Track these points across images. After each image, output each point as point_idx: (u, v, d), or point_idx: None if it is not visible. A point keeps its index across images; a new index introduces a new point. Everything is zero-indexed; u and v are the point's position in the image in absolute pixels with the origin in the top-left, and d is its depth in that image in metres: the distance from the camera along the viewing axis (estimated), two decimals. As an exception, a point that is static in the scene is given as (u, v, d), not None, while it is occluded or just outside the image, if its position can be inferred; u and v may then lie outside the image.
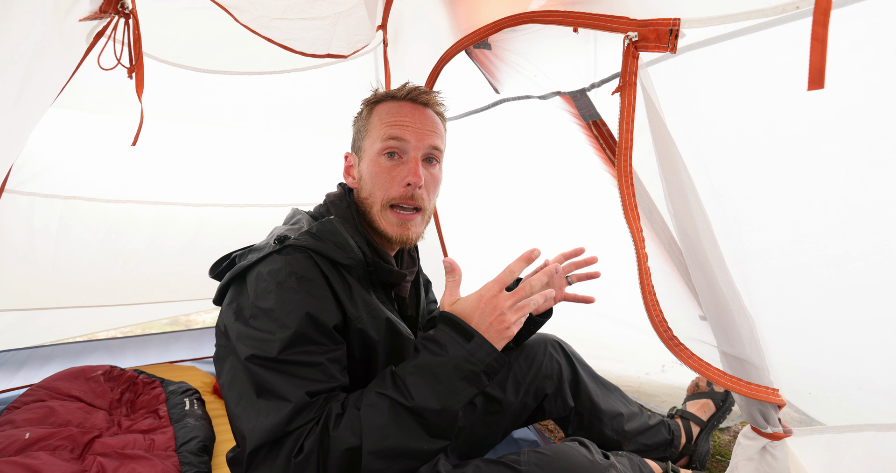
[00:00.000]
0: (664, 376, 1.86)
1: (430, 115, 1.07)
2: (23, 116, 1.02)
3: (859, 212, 0.88)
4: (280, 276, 0.90)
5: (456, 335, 0.85)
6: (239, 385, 0.86)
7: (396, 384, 0.85)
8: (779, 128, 0.91)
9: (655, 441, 1.39)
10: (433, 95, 1.08)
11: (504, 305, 0.85)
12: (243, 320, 0.88)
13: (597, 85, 1.38)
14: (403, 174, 1.00)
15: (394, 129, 1.01)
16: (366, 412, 0.82)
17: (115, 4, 1.03)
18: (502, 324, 0.84)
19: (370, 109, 1.08)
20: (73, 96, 1.79)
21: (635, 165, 1.01)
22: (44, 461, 1.31)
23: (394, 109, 1.04)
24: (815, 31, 0.71)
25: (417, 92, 1.06)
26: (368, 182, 1.03)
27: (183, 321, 3.18)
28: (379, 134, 1.02)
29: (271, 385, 0.83)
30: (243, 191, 2.41)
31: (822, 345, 1.03)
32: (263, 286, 0.89)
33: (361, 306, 0.96)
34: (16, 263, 2.01)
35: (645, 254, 1.03)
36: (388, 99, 1.07)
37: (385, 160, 1.02)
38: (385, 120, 1.03)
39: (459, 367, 0.83)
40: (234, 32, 1.55)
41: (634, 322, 1.82)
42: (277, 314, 0.86)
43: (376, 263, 1.01)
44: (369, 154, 1.04)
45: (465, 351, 0.83)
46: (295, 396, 0.83)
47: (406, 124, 1.02)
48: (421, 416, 0.82)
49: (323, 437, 0.81)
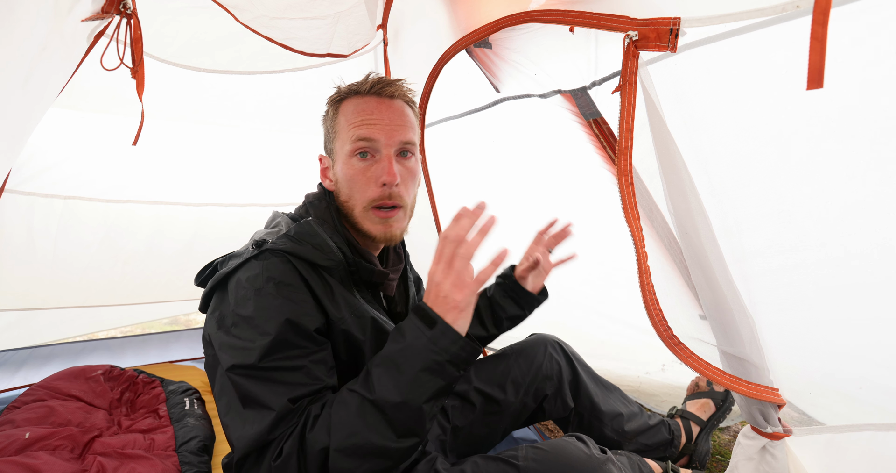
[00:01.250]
0: (664, 375, 1.86)
1: (398, 107, 1.02)
2: (24, 115, 1.02)
3: (859, 211, 0.88)
4: (258, 282, 0.89)
5: (419, 321, 0.81)
6: (227, 395, 0.86)
7: (365, 378, 0.83)
8: (778, 126, 0.91)
9: (655, 440, 1.39)
10: (399, 85, 1.03)
11: (441, 282, 0.80)
12: (225, 329, 0.88)
13: (597, 83, 1.38)
14: (378, 174, 0.97)
15: (362, 129, 0.97)
16: (336, 408, 0.81)
17: (117, 5, 1.03)
18: (448, 304, 0.79)
19: (335, 107, 1.03)
20: (73, 96, 1.79)
21: (635, 164, 1.01)
22: (44, 460, 1.31)
23: (360, 106, 1.00)
24: (814, 30, 0.71)
25: (382, 84, 1.01)
26: (345, 185, 1.01)
27: (183, 320, 3.18)
28: (348, 135, 0.99)
29: (254, 395, 0.83)
30: (243, 190, 2.41)
31: (822, 344, 1.03)
32: (242, 294, 0.89)
33: (344, 307, 0.95)
34: (16, 263, 2.01)
35: (645, 253, 1.03)
36: (353, 95, 1.02)
37: (357, 162, 0.98)
38: (352, 120, 0.99)
39: (421, 356, 0.79)
40: (234, 32, 1.55)
41: (634, 322, 1.82)
42: (257, 321, 0.86)
43: (358, 263, 1.00)
44: (341, 156, 1.01)
45: (427, 339, 0.79)
46: (277, 404, 0.82)
47: (374, 122, 0.98)
48: (383, 411, 0.79)
49: (301, 439, 0.81)
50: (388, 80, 1.02)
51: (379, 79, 1.02)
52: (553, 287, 1.35)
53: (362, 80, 1.03)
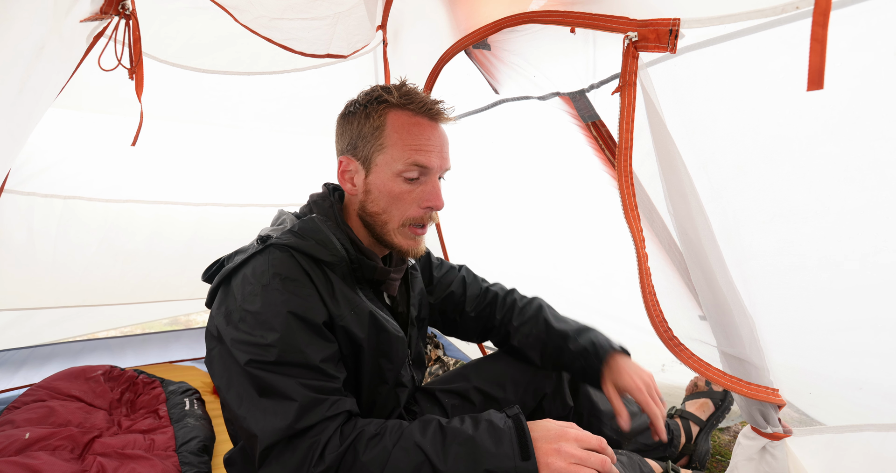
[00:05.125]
0: (664, 375, 1.86)
1: (445, 133, 1.03)
2: (22, 116, 1.02)
3: (858, 213, 0.88)
4: (264, 278, 0.90)
5: (518, 446, 0.83)
6: (238, 387, 0.86)
7: (438, 442, 0.84)
8: (778, 129, 0.91)
9: (655, 441, 1.39)
10: (448, 111, 1.02)
11: (567, 448, 0.82)
12: (234, 324, 0.89)
13: (596, 86, 1.38)
14: (424, 198, 0.99)
15: (420, 155, 0.96)
16: (397, 453, 0.82)
17: (116, 5, 1.03)
18: (551, 456, 0.81)
19: (381, 115, 0.99)
20: (72, 96, 1.79)
21: (635, 166, 1.01)
22: (44, 461, 1.31)
23: (414, 127, 0.97)
24: (814, 31, 0.71)
25: (437, 109, 1.00)
26: (383, 200, 1.00)
27: (183, 320, 3.17)
28: (400, 156, 0.97)
29: (273, 387, 0.84)
30: (243, 191, 2.41)
31: (821, 345, 1.03)
32: (249, 289, 0.90)
33: (344, 304, 0.96)
34: (15, 263, 2.01)
35: (645, 254, 1.03)
36: (404, 108, 0.98)
37: (403, 183, 0.98)
38: (408, 142, 0.97)
39: (493, 465, 0.81)
40: (234, 32, 1.55)
41: (634, 322, 1.82)
42: (265, 317, 0.87)
43: (360, 259, 1.00)
44: (385, 172, 0.98)
45: (513, 466, 0.81)
46: (298, 394, 0.83)
47: (429, 149, 0.98)
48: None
49: (348, 456, 0.82)
50: (440, 103, 1.01)
51: (434, 101, 1.00)
52: (554, 288, 1.35)
53: (406, 90, 1.00)
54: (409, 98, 0.99)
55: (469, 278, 1.36)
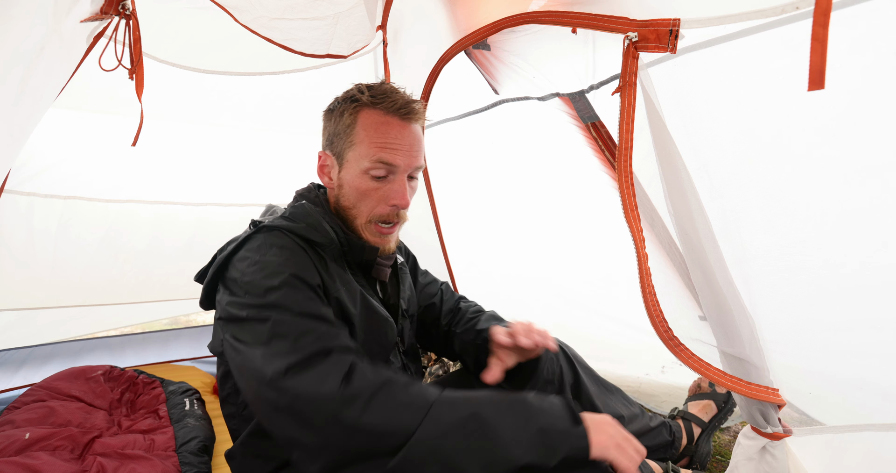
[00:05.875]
0: (664, 376, 1.86)
1: (417, 131, 1.03)
2: (23, 116, 1.02)
3: (859, 214, 0.88)
4: (262, 250, 0.93)
5: (568, 413, 0.83)
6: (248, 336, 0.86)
7: (487, 398, 0.83)
8: (778, 129, 0.91)
9: (656, 442, 1.39)
10: (421, 110, 1.04)
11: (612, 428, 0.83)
12: (239, 296, 0.89)
13: (595, 87, 1.39)
14: (390, 196, 1.00)
15: (385, 153, 0.98)
16: (441, 406, 0.80)
17: (116, 6, 1.03)
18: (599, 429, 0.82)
19: (353, 114, 1.01)
20: (72, 96, 1.79)
21: (635, 166, 1.01)
22: (44, 461, 1.31)
23: (382, 125, 0.99)
24: (815, 31, 0.71)
25: (408, 108, 1.01)
26: (352, 195, 1.03)
27: (183, 320, 3.17)
28: (367, 152, 0.99)
29: (282, 330, 0.84)
30: (243, 190, 2.41)
31: (822, 345, 1.03)
32: (248, 262, 0.92)
33: (337, 280, 0.98)
34: (15, 263, 2.01)
35: (645, 254, 1.03)
36: (375, 108, 1.00)
37: (370, 180, 1.00)
38: (374, 139, 0.99)
39: (551, 420, 0.80)
40: (234, 33, 1.55)
41: (634, 322, 1.82)
42: (267, 279, 0.88)
43: (349, 241, 1.02)
44: (354, 168, 1.01)
45: (566, 428, 0.80)
46: (309, 336, 0.84)
47: (396, 147, 0.99)
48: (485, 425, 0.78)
49: (380, 394, 0.79)
50: (413, 103, 1.02)
51: (406, 101, 1.01)
52: (554, 288, 1.35)
53: (382, 90, 1.02)
54: (380, 98, 1.01)
55: (447, 293, 1.37)
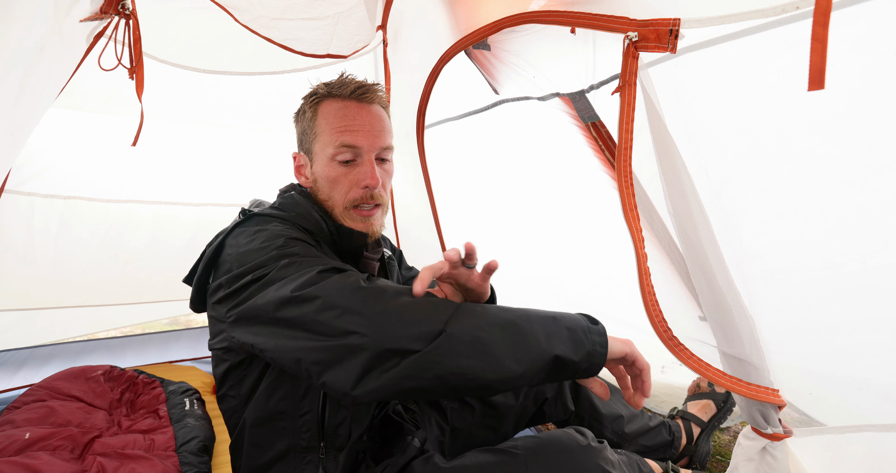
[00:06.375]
0: (664, 376, 1.86)
1: (377, 112, 1.04)
2: (23, 116, 1.02)
3: (859, 214, 0.88)
4: (259, 227, 0.95)
5: (585, 318, 0.80)
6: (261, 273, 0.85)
7: (514, 310, 0.77)
8: (778, 129, 0.91)
9: (656, 442, 1.39)
10: (377, 90, 1.05)
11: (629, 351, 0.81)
12: (239, 270, 0.88)
13: (595, 87, 1.38)
14: (360, 178, 1.01)
15: (345, 136, 1.00)
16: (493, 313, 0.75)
17: (116, 5, 1.03)
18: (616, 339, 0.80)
19: (314, 108, 1.05)
20: (72, 96, 1.79)
21: (635, 166, 1.01)
22: (44, 461, 1.31)
23: (340, 111, 1.02)
24: (815, 31, 0.71)
25: (363, 90, 1.03)
26: (325, 186, 1.04)
27: (183, 320, 3.17)
28: (329, 140, 1.01)
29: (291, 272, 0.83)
30: (243, 190, 2.41)
31: (822, 346, 1.03)
32: (243, 241, 0.92)
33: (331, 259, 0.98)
34: (16, 263, 2.01)
35: (644, 254, 1.03)
36: (332, 98, 1.03)
37: (339, 166, 1.01)
38: (334, 124, 1.01)
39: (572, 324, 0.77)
40: (234, 32, 1.55)
41: (634, 322, 1.81)
42: (269, 240, 0.88)
43: (338, 228, 1.03)
44: (321, 159, 1.03)
45: (587, 327, 0.77)
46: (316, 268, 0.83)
47: (356, 129, 1.00)
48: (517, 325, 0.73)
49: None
50: (368, 85, 1.05)
51: (359, 84, 1.04)
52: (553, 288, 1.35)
53: (339, 81, 1.05)
54: (336, 87, 1.03)
55: None
